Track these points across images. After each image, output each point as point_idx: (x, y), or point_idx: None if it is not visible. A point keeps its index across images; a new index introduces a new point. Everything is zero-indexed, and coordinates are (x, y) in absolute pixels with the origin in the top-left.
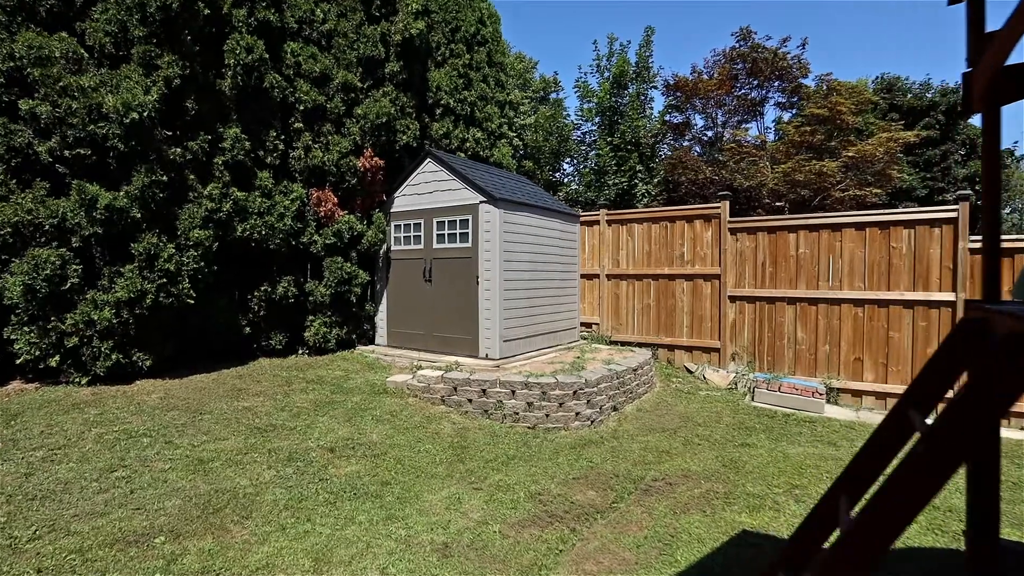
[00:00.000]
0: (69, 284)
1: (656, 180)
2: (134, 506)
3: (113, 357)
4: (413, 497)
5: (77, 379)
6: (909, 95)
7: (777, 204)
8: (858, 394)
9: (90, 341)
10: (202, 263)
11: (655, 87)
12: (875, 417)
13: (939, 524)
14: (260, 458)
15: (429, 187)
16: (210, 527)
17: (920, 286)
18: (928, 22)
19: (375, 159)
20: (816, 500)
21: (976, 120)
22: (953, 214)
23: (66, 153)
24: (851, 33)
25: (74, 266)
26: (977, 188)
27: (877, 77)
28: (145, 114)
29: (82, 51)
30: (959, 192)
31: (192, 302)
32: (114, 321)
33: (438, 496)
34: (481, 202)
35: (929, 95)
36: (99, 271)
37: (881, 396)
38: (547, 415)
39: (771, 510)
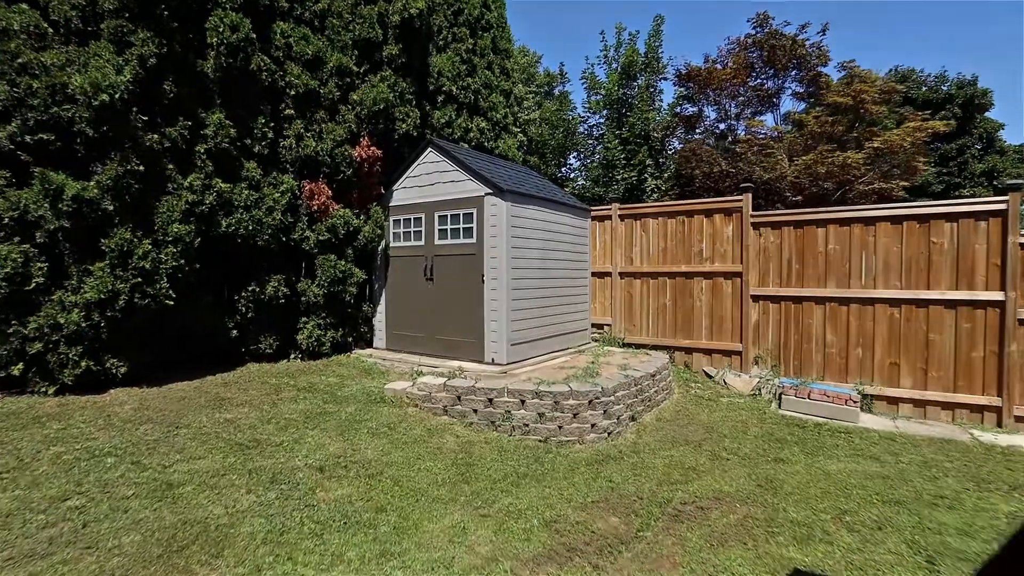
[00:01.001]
0: (33, 284)
1: (666, 175)
2: (84, 544)
3: (83, 364)
4: (412, 526)
5: (43, 388)
6: (924, 88)
7: (795, 199)
8: (894, 401)
9: (56, 347)
10: (182, 260)
11: (665, 78)
12: (916, 427)
13: None
14: (239, 480)
15: (430, 179)
16: (172, 569)
17: (964, 285)
18: (940, 16)
19: (372, 149)
20: (871, 527)
21: (992, 114)
22: (1002, 206)
23: (28, 139)
24: (861, 26)
25: (39, 264)
26: (995, 183)
27: (890, 70)
28: (117, 96)
29: (45, 25)
30: (1009, 181)
31: (172, 303)
32: (83, 324)
33: (440, 525)
34: (487, 194)
35: (945, 88)
36: (67, 269)
37: (920, 404)
38: (560, 427)
39: (822, 542)
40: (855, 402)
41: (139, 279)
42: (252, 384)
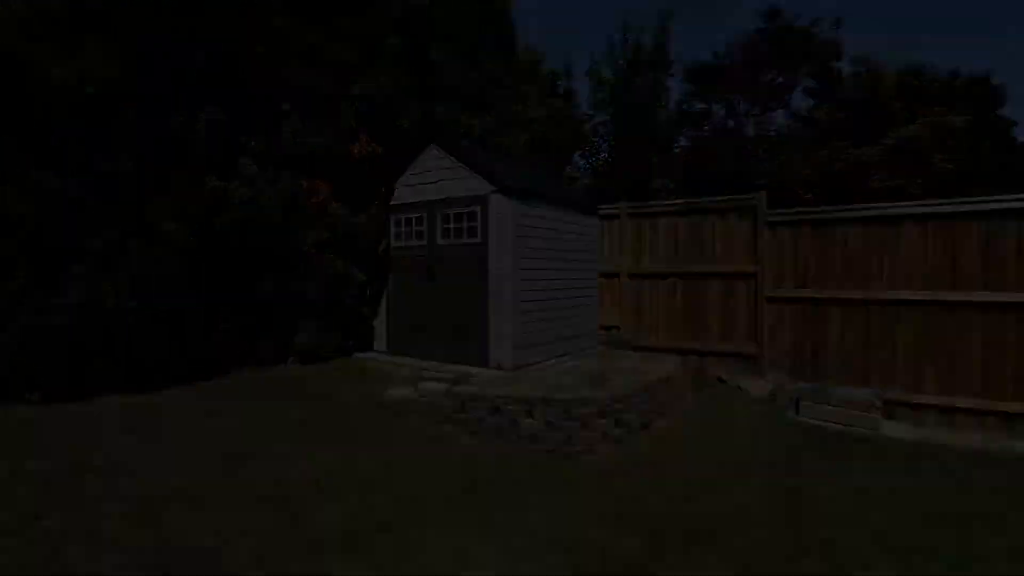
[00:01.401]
0: (14, 285)
1: (674, 173)
2: (55, 573)
3: (68, 370)
4: (412, 548)
5: (27, 396)
6: (935, 83)
7: (807, 196)
8: (918, 408)
9: (40, 352)
10: (173, 261)
11: (672, 75)
12: (944, 436)
13: None
14: (226, 497)
15: (433, 176)
16: None
17: (994, 286)
18: (951, 11)
19: (372, 145)
20: (908, 550)
21: (1005, 110)
22: None
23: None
24: (870, 21)
25: (20, 264)
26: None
27: (898, 70)
28: (104, 88)
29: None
30: None
31: (163, 305)
32: (68, 328)
33: (443, 546)
34: (492, 192)
35: (956, 84)
36: (51, 270)
37: (947, 411)
38: (569, 436)
39: (859, 567)
40: (877, 409)
41: (127, 280)
42: (246, 391)
